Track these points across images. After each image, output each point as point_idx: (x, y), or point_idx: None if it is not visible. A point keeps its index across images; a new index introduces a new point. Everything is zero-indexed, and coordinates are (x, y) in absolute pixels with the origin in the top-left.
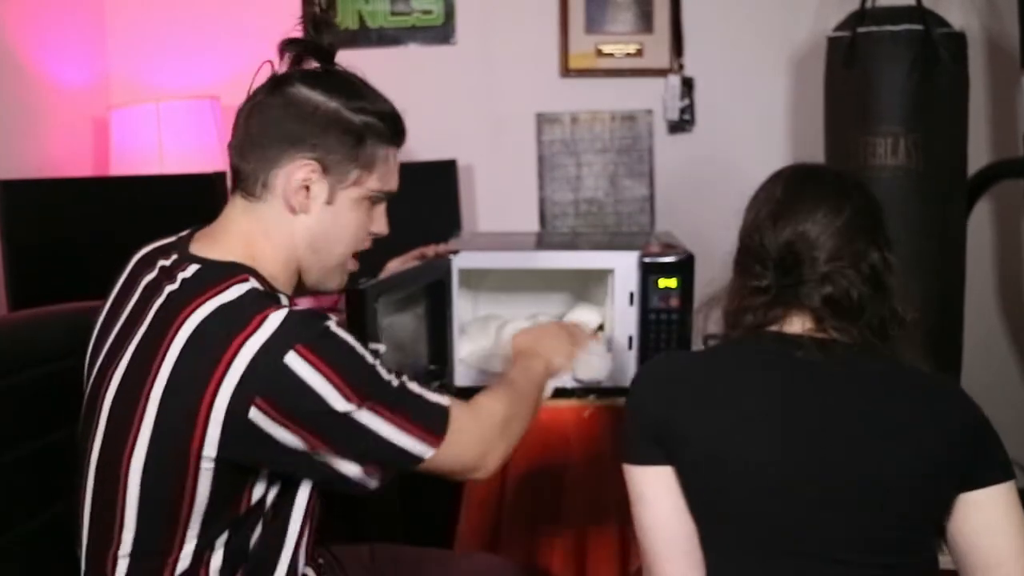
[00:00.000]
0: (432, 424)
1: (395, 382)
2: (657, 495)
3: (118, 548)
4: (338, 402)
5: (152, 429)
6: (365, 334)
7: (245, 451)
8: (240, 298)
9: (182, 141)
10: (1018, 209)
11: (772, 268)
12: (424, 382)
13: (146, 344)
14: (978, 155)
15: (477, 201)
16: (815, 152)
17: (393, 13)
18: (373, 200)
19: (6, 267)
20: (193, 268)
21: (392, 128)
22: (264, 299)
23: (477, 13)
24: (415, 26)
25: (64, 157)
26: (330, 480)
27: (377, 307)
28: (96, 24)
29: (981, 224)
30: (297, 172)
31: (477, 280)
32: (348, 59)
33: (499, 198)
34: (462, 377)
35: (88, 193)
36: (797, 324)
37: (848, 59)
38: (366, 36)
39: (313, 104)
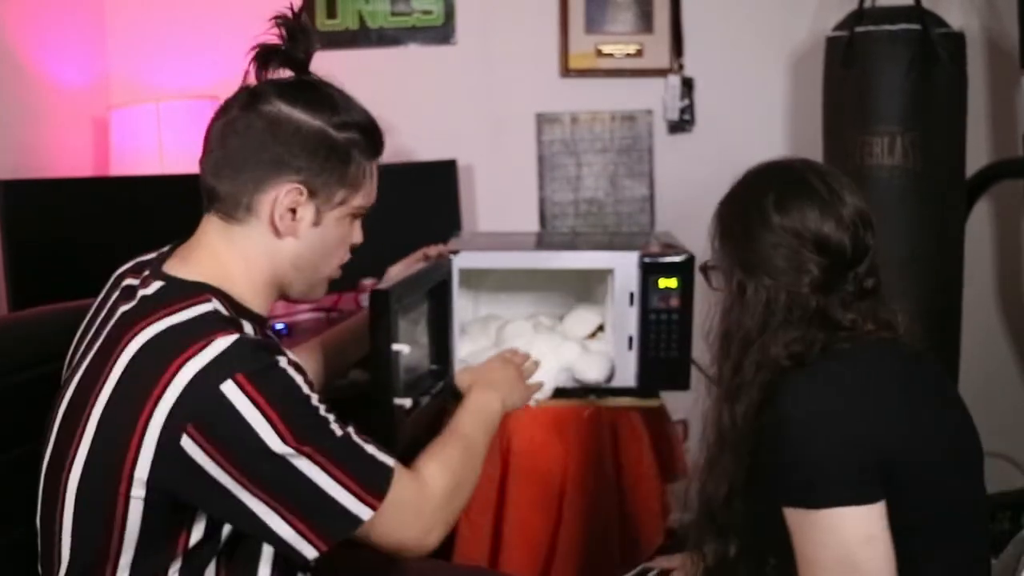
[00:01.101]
0: (374, 483)
1: (340, 432)
2: (883, 531)
3: (57, 572)
4: (273, 441)
5: (88, 451)
6: (389, 336)
7: (175, 482)
8: (194, 319)
9: (182, 141)
10: (1017, 209)
11: (858, 269)
12: (427, 387)
13: (94, 364)
14: (978, 155)
15: (477, 201)
16: (814, 152)
17: (393, 13)
18: (356, 215)
19: (6, 267)
20: (156, 286)
21: (373, 141)
22: (218, 322)
23: (477, 13)
24: (415, 26)
25: (64, 157)
26: (263, 537)
27: (398, 309)
28: (96, 24)
29: (980, 224)
30: (284, 197)
31: (477, 280)
32: (348, 59)
33: (499, 198)
34: None
35: (88, 193)
36: (869, 322)
37: (846, 59)
38: (366, 36)
39: (295, 124)
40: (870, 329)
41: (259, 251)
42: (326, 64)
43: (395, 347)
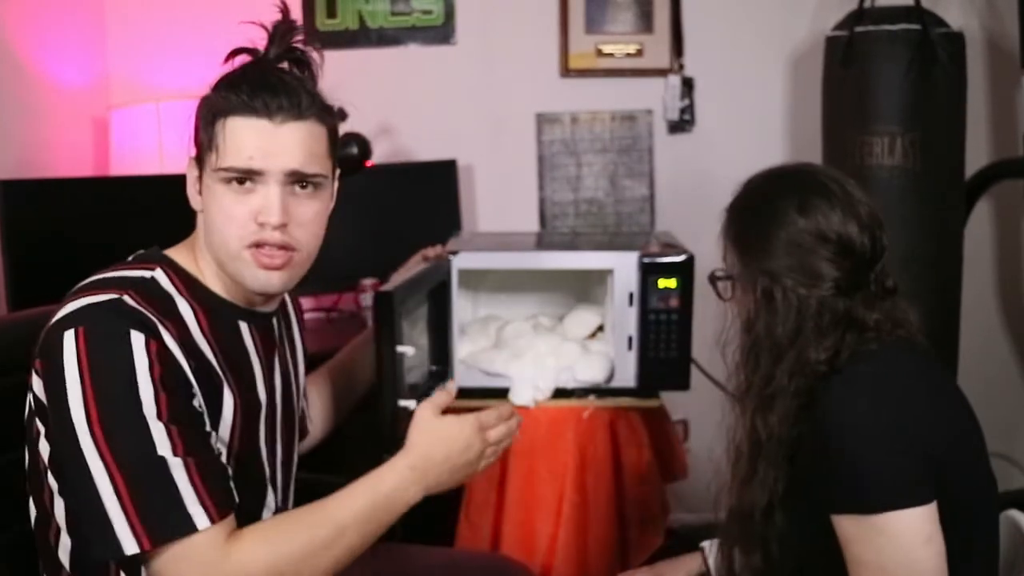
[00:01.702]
0: (157, 524)
1: (161, 454)
2: (938, 530)
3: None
4: (75, 405)
5: (27, 405)
6: (393, 337)
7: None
8: (117, 277)
9: (182, 141)
10: (1017, 209)
11: (876, 269)
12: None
13: None
14: (978, 155)
15: (477, 201)
16: (814, 152)
17: (393, 13)
18: (230, 180)
19: (6, 267)
20: (131, 256)
21: (237, 96)
22: (128, 283)
23: (477, 13)
24: (415, 26)
25: (64, 157)
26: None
27: (401, 311)
28: (96, 24)
29: (980, 224)
30: (187, 172)
31: (477, 280)
32: (348, 59)
33: (499, 198)
34: (462, 377)
35: (88, 193)
36: (889, 321)
37: (846, 59)
38: (366, 36)
39: (203, 103)
40: (889, 328)
41: (199, 229)
42: (325, 64)
43: (399, 349)
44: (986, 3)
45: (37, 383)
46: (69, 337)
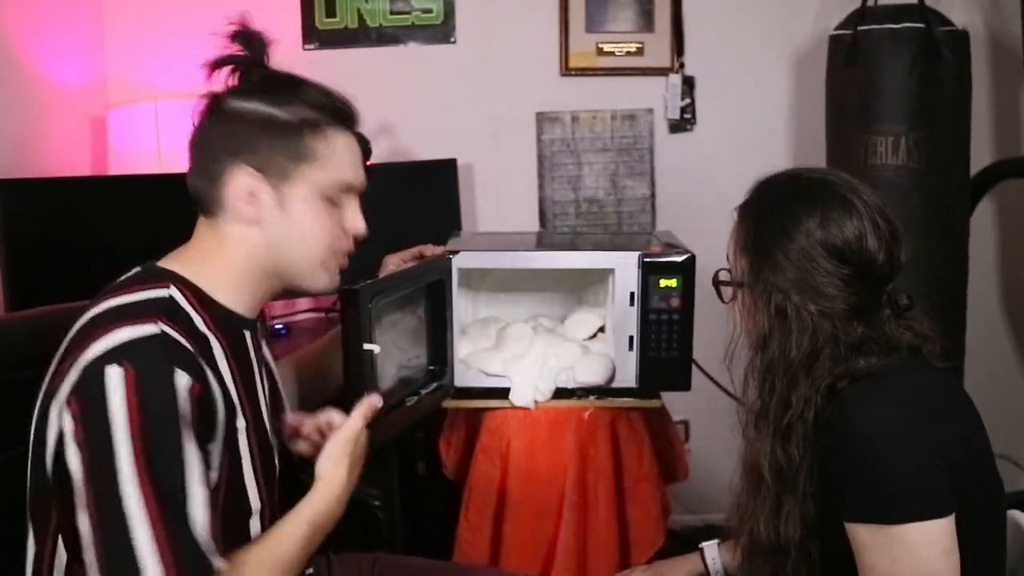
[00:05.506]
0: (190, 565)
1: (191, 501)
2: (955, 542)
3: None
4: (121, 439)
5: (33, 432)
6: (359, 335)
7: (64, 464)
8: (137, 302)
9: (180, 140)
10: (1021, 208)
11: (888, 289)
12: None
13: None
14: (982, 154)
15: (477, 201)
16: (816, 151)
17: (393, 12)
18: (330, 194)
19: (5, 267)
20: (132, 271)
21: (331, 114)
22: (155, 308)
23: (477, 12)
24: (415, 24)
25: (62, 156)
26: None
27: (372, 308)
28: (94, 23)
29: (985, 223)
30: (239, 182)
31: (477, 280)
32: (347, 58)
33: (499, 198)
34: (462, 377)
35: (86, 192)
36: (904, 334)
37: (849, 57)
38: (365, 35)
39: (242, 112)
40: (903, 340)
41: (237, 242)
42: (325, 63)
43: (366, 346)
44: (990, 1)
45: (68, 423)
46: (113, 374)
